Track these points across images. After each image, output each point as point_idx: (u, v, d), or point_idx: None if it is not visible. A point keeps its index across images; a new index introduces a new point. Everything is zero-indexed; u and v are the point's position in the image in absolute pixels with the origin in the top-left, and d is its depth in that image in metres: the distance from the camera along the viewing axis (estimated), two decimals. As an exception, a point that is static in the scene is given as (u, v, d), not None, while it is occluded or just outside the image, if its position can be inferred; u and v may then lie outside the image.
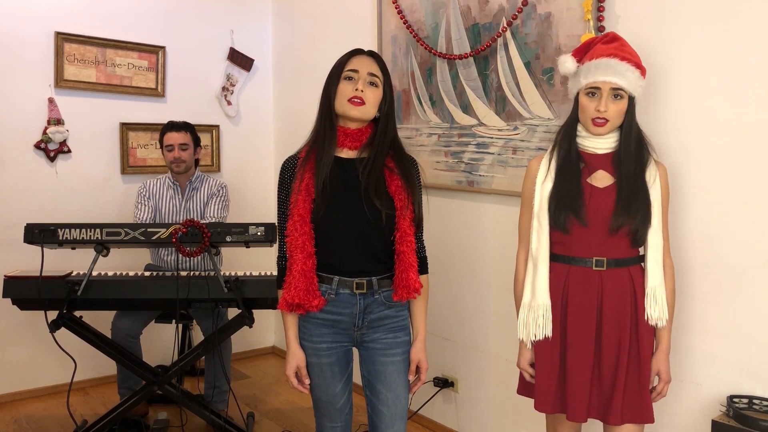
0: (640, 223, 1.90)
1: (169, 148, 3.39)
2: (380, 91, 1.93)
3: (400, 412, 1.99)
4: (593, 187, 1.96)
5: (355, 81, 1.90)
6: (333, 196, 1.89)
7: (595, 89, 1.92)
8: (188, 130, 3.43)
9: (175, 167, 3.39)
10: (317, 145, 1.94)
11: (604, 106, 1.90)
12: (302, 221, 1.87)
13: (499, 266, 2.92)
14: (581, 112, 1.97)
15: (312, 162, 1.91)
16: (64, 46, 3.71)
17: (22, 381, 3.71)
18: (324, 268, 1.92)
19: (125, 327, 3.21)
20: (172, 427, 3.22)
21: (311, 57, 4.05)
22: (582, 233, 1.94)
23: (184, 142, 3.39)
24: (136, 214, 3.41)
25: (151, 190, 3.45)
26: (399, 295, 1.91)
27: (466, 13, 2.97)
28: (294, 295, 1.87)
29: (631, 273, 1.95)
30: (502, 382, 2.93)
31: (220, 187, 3.49)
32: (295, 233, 1.87)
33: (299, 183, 1.90)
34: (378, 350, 1.97)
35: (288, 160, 1.99)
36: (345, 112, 1.91)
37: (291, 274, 1.88)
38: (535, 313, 1.99)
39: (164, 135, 3.42)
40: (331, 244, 1.90)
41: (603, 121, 1.92)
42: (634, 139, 1.96)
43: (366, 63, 1.93)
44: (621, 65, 1.92)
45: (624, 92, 1.92)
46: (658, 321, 1.93)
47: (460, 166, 3.04)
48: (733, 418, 1.99)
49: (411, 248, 1.91)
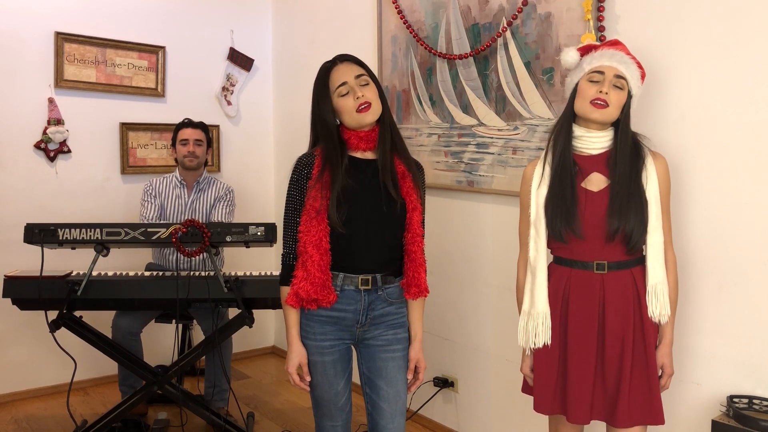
0: (634, 227, 1.89)
1: (184, 143, 3.43)
2: (373, 85, 1.95)
3: (400, 408, 2.00)
4: (588, 191, 1.95)
5: (351, 91, 1.91)
6: (352, 196, 1.90)
7: (599, 73, 1.93)
8: (204, 129, 3.51)
9: (188, 161, 3.42)
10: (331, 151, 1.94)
11: (606, 88, 1.91)
12: (319, 218, 1.88)
13: (498, 266, 2.92)
14: (580, 99, 1.95)
15: (329, 162, 1.92)
16: (64, 46, 3.71)
17: (22, 381, 3.70)
18: (331, 265, 1.93)
19: (126, 325, 3.21)
20: (172, 427, 3.22)
21: (311, 57, 4.05)
22: (580, 240, 1.94)
23: (199, 138, 3.46)
24: (142, 212, 3.40)
25: (157, 189, 3.46)
26: (412, 294, 1.96)
27: (466, 13, 2.97)
28: (311, 290, 1.88)
29: (633, 273, 1.95)
30: (502, 382, 2.93)
31: (227, 191, 3.51)
32: (312, 230, 1.88)
33: (317, 181, 1.91)
34: (379, 347, 1.99)
35: (303, 157, 1.99)
36: (360, 123, 1.92)
37: (305, 270, 1.89)
38: (535, 321, 1.99)
39: (179, 130, 3.46)
40: (343, 243, 1.91)
41: (603, 103, 1.91)
42: (629, 138, 1.96)
43: (347, 70, 1.93)
44: (626, 57, 1.96)
45: (625, 83, 1.93)
46: (661, 318, 1.93)
47: (460, 166, 3.04)
48: (733, 418, 1.99)
49: (421, 248, 1.96)
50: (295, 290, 1.91)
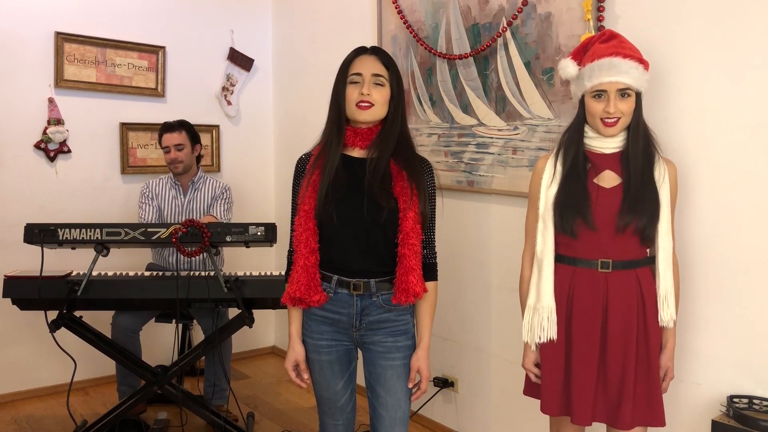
0: (647, 221, 1.88)
1: (166, 150, 3.38)
2: (387, 89, 1.93)
3: (400, 417, 1.96)
4: (600, 187, 1.95)
5: (361, 84, 1.90)
6: (337, 194, 1.89)
7: (601, 91, 1.91)
8: (183, 128, 3.40)
9: (173, 168, 3.39)
10: (328, 144, 1.95)
11: (613, 108, 1.89)
12: (307, 217, 1.89)
13: (499, 266, 2.92)
14: (589, 114, 1.95)
15: (322, 160, 1.93)
16: (64, 46, 3.71)
17: (22, 381, 3.70)
18: (326, 266, 1.93)
19: (126, 323, 3.21)
20: (172, 427, 3.22)
21: (311, 57, 4.05)
22: (589, 235, 1.93)
23: (179, 142, 3.36)
24: (140, 215, 3.40)
25: (153, 190, 3.44)
26: (398, 299, 1.88)
27: (466, 13, 2.97)
28: (296, 289, 1.89)
29: (638, 275, 1.94)
30: (502, 382, 2.93)
31: (224, 189, 3.49)
32: (299, 228, 1.90)
33: (307, 180, 1.92)
34: (378, 353, 1.96)
35: (301, 157, 2.02)
36: (354, 117, 1.92)
37: (295, 269, 1.91)
38: (540, 315, 1.98)
39: (161, 137, 3.41)
40: (334, 242, 1.91)
41: (614, 120, 1.90)
42: (642, 136, 1.95)
43: (369, 64, 1.93)
44: (624, 63, 1.89)
45: (631, 90, 1.91)
46: (668, 323, 1.93)
47: (460, 166, 3.04)
48: (733, 418, 1.99)
49: (413, 251, 1.87)
50: (287, 289, 1.93)
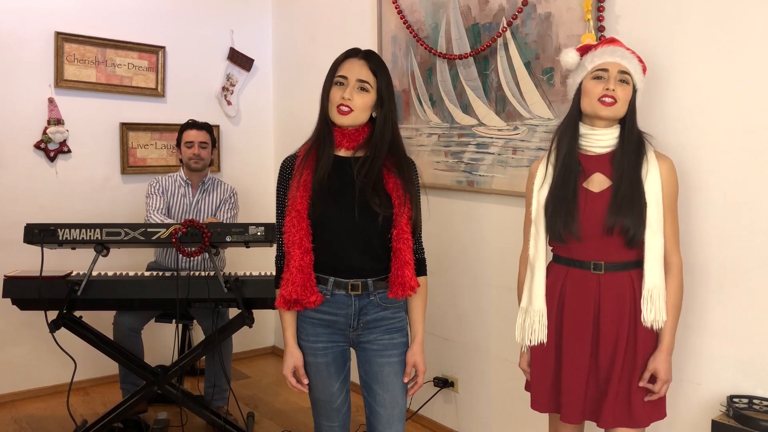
0: (632, 222, 1.88)
1: (189, 145, 3.43)
2: (370, 95, 1.92)
3: (398, 414, 1.97)
4: (588, 191, 1.95)
5: (344, 87, 1.90)
6: (330, 194, 1.90)
7: (602, 71, 1.93)
8: (208, 130, 3.51)
9: (194, 163, 3.43)
10: (317, 143, 1.95)
11: (613, 85, 1.91)
12: (299, 217, 1.88)
13: (499, 266, 2.92)
14: (587, 99, 1.94)
15: (311, 160, 1.93)
16: (64, 46, 3.71)
17: (22, 381, 3.71)
18: (321, 267, 1.92)
19: (128, 322, 3.22)
20: (172, 427, 3.22)
21: (311, 57, 4.05)
22: (578, 240, 1.94)
23: (204, 140, 3.46)
24: (149, 203, 3.38)
25: (163, 185, 3.46)
26: (394, 293, 1.90)
27: (466, 13, 2.97)
28: (291, 290, 1.87)
29: (632, 277, 1.94)
30: (502, 382, 2.93)
31: (231, 193, 3.53)
32: (292, 229, 1.88)
33: (297, 180, 1.91)
34: (374, 351, 1.97)
35: (287, 159, 2.01)
36: (333, 120, 1.92)
37: (288, 271, 1.89)
38: (531, 318, 2.00)
39: (184, 132, 3.46)
40: (328, 242, 1.91)
41: (611, 100, 1.90)
42: (635, 135, 1.95)
43: (356, 68, 1.92)
44: (627, 52, 1.96)
45: (630, 78, 1.93)
46: (654, 323, 1.90)
47: (460, 166, 3.04)
48: (733, 418, 1.99)
49: (407, 246, 1.90)
50: (281, 292, 1.91)
